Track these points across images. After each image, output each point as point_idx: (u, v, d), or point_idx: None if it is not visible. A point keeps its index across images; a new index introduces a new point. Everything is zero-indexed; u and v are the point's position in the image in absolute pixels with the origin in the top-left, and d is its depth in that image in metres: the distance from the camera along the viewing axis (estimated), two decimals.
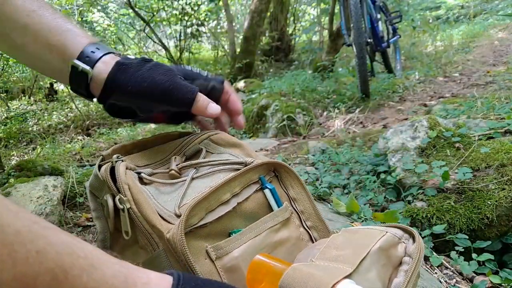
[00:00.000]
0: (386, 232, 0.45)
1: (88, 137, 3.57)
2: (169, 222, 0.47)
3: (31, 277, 0.26)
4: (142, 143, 0.61)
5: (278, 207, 0.54)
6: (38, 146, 3.28)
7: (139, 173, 0.55)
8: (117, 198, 0.49)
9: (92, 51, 0.53)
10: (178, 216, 0.48)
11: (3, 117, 4.26)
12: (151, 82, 0.52)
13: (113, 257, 0.32)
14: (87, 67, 0.52)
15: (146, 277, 0.32)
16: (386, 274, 0.43)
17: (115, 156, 0.55)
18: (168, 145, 0.61)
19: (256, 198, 0.53)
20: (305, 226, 0.55)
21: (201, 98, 0.56)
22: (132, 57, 0.56)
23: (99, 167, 0.55)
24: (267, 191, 0.54)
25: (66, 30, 0.54)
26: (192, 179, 0.54)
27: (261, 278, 0.40)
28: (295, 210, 0.55)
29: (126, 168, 0.53)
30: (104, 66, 0.53)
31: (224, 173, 0.55)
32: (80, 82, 0.54)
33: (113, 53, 0.55)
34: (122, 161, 0.54)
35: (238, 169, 0.54)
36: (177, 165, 0.56)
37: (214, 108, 0.57)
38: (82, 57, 0.53)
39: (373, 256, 0.43)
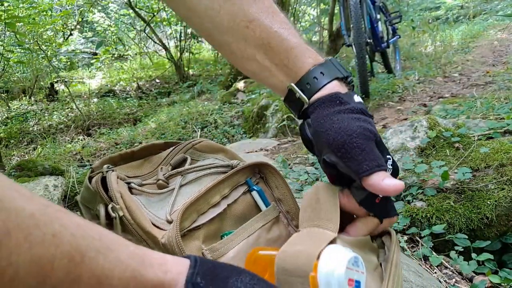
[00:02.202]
0: None
1: (89, 137, 3.58)
2: (161, 229, 0.48)
3: (48, 260, 0.26)
4: (129, 154, 0.63)
5: (266, 207, 0.55)
6: (38, 146, 3.28)
7: (128, 183, 0.56)
8: (109, 206, 0.50)
9: (315, 77, 0.47)
10: (170, 222, 0.49)
11: (4, 117, 4.26)
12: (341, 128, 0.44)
13: (127, 240, 0.32)
14: (305, 97, 0.47)
15: (162, 259, 0.33)
16: (372, 260, 0.45)
17: (105, 166, 0.56)
18: (155, 157, 0.62)
19: (245, 200, 0.54)
20: (292, 226, 0.56)
21: (382, 174, 0.42)
22: (357, 98, 0.47)
23: (90, 179, 0.55)
24: (254, 193, 0.55)
25: (290, 49, 0.48)
26: (180, 186, 0.55)
27: (262, 270, 0.41)
28: (281, 210, 0.56)
29: (117, 178, 0.54)
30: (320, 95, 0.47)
31: (210, 177, 0.56)
32: (295, 105, 0.49)
33: (338, 78, 0.48)
34: (113, 170, 0.55)
35: (224, 172, 0.55)
36: (163, 174, 0.57)
37: (393, 183, 0.41)
38: (302, 83, 0.48)
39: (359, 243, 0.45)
